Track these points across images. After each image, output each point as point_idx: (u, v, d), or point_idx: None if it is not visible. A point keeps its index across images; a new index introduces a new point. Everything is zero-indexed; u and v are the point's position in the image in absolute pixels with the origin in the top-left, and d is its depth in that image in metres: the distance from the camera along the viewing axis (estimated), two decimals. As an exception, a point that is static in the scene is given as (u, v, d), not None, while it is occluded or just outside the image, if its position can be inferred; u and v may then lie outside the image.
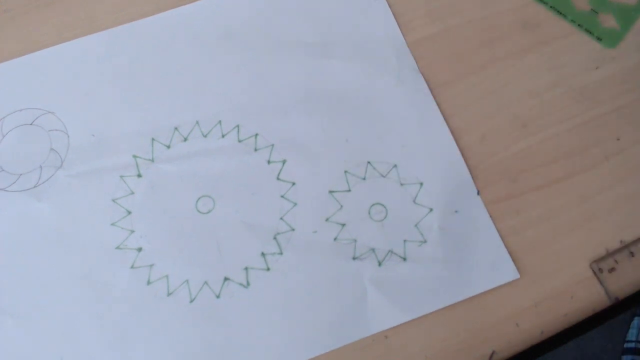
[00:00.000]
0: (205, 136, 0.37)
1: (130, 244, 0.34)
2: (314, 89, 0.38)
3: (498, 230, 0.34)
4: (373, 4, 0.40)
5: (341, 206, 0.35)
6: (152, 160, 0.36)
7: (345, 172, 0.35)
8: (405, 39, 0.39)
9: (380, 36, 0.39)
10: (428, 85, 0.38)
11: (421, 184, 0.35)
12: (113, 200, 0.35)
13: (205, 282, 0.33)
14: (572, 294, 0.33)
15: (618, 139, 0.36)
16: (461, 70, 0.38)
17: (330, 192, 0.35)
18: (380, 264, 0.33)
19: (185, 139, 0.37)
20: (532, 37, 0.39)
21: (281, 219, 0.34)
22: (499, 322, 0.32)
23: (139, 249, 0.34)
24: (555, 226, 0.34)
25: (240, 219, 0.34)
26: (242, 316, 0.32)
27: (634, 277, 0.33)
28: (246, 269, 0.33)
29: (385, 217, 0.34)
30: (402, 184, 0.35)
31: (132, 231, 0.34)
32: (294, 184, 0.35)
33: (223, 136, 0.37)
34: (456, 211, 0.34)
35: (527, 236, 0.34)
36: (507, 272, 0.33)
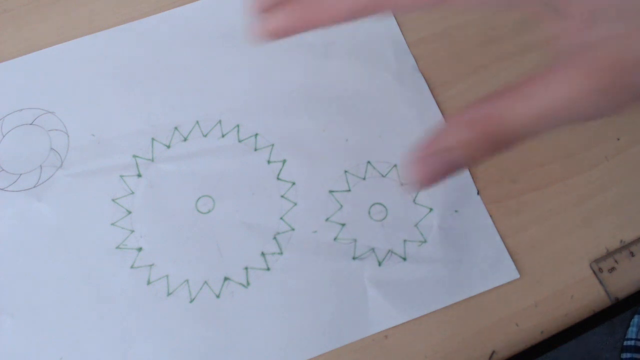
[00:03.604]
0: (205, 136, 0.37)
1: (130, 244, 0.34)
2: (314, 89, 0.38)
3: (498, 230, 0.34)
4: (373, 3, 0.40)
5: (341, 206, 0.35)
6: (152, 160, 0.36)
7: (345, 172, 0.35)
8: (405, 39, 0.39)
9: (380, 36, 0.39)
10: (428, 85, 0.38)
11: (421, 184, 0.35)
12: (113, 200, 0.35)
13: (205, 282, 0.33)
14: (572, 294, 0.33)
15: (618, 139, 0.36)
16: (461, 70, 0.38)
17: (330, 192, 0.35)
18: (380, 264, 0.33)
19: (185, 139, 0.37)
20: (532, 37, 0.39)
21: (281, 218, 0.34)
22: (499, 322, 0.32)
23: (139, 249, 0.34)
24: (555, 226, 0.34)
25: (240, 219, 0.34)
26: (242, 316, 0.32)
27: (634, 277, 0.33)
28: (246, 268, 0.33)
29: (385, 217, 0.34)
30: (402, 184, 0.35)
31: (132, 231, 0.34)
32: (294, 183, 0.35)
33: (223, 136, 0.37)
34: (456, 211, 0.34)
35: (527, 236, 0.34)
36: (507, 272, 0.33)
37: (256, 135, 0.37)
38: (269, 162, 0.36)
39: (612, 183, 0.35)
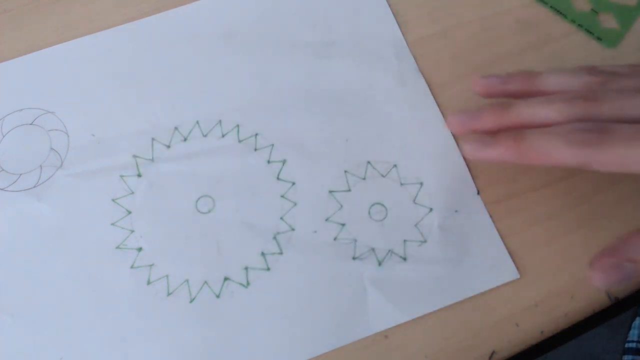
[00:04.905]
0: (205, 136, 0.37)
1: (130, 244, 0.34)
2: (314, 89, 0.38)
3: (498, 230, 0.34)
4: (373, 4, 0.40)
5: (341, 206, 0.35)
6: (152, 160, 0.36)
7: (345, 172, 0.35)
8: (405, 39, 0.39)
9: (380, 36, 0.39)
10: (428, 85, 0.38)
11: (421, 184, 0.35)
12: (113, 200, 0.35)
13: (205, 282, 0.33)
14: (572, 293, 0.33)
15: (618, 139, 0.36)
16: (461, 70, 0.38)
17: (330, 192, 0.35)
18: (380, 264, 0.33)
19: (185, 139, 0.37)
20: (532, 37, 0.39)
21: (281, 218, 0.34)
22: (499, 322, 0.32)
23: (139, 249, 0.34)
24: (555, 226, 0.34)
25: (240, 219, 0.34)
26: (242, 316, 0.32)
27: (634, 277, 0.33)
28: (246, 268, 0.33)
29: (385, 217, 0.34)
30: (402, 184, 0.35)
31: (132, 231, 0.34)
32: (294, 184, 0.35)
33: (223, 136, 0.37)
34: (456, 211, 0.34)
35: (527, 236, 0.34)
36: (507, 272, 0.33)
37: (256, 135, 0.37)
38: (269, 162, 0.36)
39: (612, 183, 0.35)
